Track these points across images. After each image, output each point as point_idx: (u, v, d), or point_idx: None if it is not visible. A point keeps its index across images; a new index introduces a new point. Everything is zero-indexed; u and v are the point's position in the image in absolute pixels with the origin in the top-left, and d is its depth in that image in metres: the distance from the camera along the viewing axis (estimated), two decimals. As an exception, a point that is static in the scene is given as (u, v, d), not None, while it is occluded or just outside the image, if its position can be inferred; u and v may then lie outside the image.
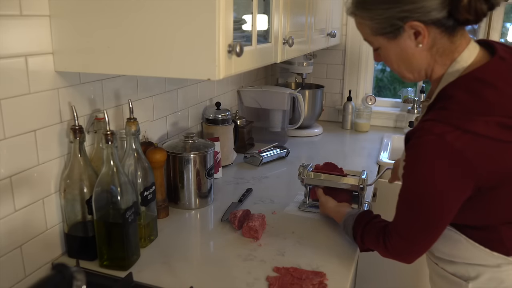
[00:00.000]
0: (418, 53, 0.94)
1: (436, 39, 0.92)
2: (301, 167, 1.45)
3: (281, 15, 1.27)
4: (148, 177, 1.19)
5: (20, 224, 1.01)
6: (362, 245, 1.14)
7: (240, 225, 1.29)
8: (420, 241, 0.97)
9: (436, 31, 0.91)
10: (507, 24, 2.34)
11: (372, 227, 1.10)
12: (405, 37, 0.93)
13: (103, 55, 0.97)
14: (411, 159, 0.92)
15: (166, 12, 0.90)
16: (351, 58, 2.50)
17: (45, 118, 1.04)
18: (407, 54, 0.95)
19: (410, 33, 0.92)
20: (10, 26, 0.92)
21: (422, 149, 0.88)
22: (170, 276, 1.08)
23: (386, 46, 0.97)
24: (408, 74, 1.00)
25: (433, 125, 0.87)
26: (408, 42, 0.93)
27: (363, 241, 1.12)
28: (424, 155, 0.88)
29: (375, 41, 0.98)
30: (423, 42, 0.92)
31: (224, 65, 0.90)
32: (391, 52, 0.97)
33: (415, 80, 1.01)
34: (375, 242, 1.06)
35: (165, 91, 1.56)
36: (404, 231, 0.98)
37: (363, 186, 1.37)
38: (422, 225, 0.95)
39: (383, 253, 1.05)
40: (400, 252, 1.01)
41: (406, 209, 0.97)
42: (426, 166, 0.88)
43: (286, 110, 2.14)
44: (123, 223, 1.04)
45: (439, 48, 0.93)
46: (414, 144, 0.90)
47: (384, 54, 0.99)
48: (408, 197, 0.95)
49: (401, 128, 2.47)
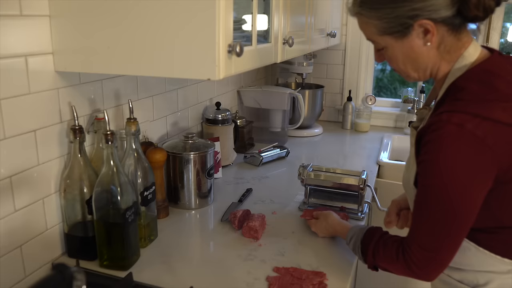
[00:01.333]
0: (426, 51, 0.93)
1: (443, 37, 0.91)
2: (301, 167, 1.45)
3: (281, 15, 1.27)
4: (148, 177, 1.19)
5: (20, 224, 1.01)
6: (373, 261, 1.02)
7: (240, 225, 1.29)
8: (445, 249, 0.90)
9: (444, 29, 0.90)
10: (507, 24, 2.34)
11: (387, 241, 1.00)
12: (413, 36, 0.91)
13: (103, 55, 0.97)
14: (430, 155, 0.86)
15: (166, 12, 0.90)
16: (351, 58, 2.50)
17: (45, 118, 1.04)
18: (414, 53, 0.94)
19: (418, 32, 0.91)
20: (10, 26, 0.92)
21: (442, 141, 0.84)
22: (170, 276, 1.07)
23: (393, 45, 0.95)
24: (414, 73, 0.98)
25: (451, 116, 0.84)
26: (416, 40, 0.92)
27: (375, 257, 1.01)
28: (445, 147, 0.84)
29: (381, 41, 0.96)
30: (432, 40, 0.91)
31: (224, 65, 0.90)
32: (398, 51, 0.95)
33: (419, 79, 0.99)
34: (392, 258, 0.96)
35: (165, 91, 1.56)
36: (426, 240, 0.90)
37: (363, 186, 1.37)
38: (446, 229, 0.88)
39: (402, 269, 0.95)
40: (423, 265, 0.91)
41: (427, 214, 0.90)
42: (449, 158, 0.84)
43: (286, 110, 2.14)
44: (123, 223, 1.04)
45: (446, 45, 0.92)
46: (432, 139, 0.86)
47: (390, 54, 0.97)
48: (430, 199, 0.88)
49: (401, 128, 2.47)
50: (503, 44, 2.38)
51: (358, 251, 1.06)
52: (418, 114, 1.07)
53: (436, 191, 0.87)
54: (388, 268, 1.00)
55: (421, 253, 0.91)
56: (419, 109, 1.09)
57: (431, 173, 0.87)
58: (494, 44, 2.22)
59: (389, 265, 0.99)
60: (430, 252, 0.90)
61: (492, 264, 0.93)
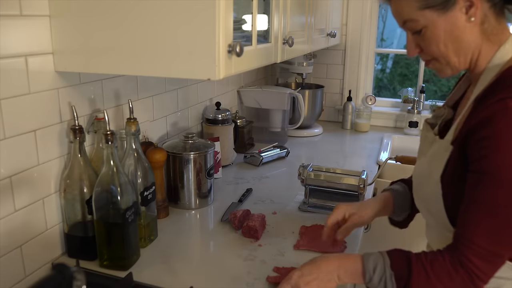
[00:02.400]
0: (470, 28, 0.88)
1: (486, 15, 0.87)
2: (301, 167, 1.45)
3: (281, 15, 1.27)
4: (148, 177, 1.19)
5: (20, 224, 1.01)
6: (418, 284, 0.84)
7: (240, 225, 1.29)
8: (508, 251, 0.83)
9: (486, 5, 0.87)
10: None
11: (429, 256, 0.86)
12: (456, 9, 0.86)
13: (103, 55, 0.97)
14: (498, 148, 0.79)
15: (166, 12, 0.90)
16: (351, 58, 2.50)
17: (45, 118, 1.04)
18: (458, 30, 0.88)
19: (462, 6, 0.86)
20: (10, 26, 0.92)
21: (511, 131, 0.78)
22: (170, 276, 1.07)
23: (435, 21, 0.88)
24: (455, 57, 0.91)
25: None
26: (459, 15, 0.86)
27: (420, 279, 0.84)
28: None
29: (422, 17, 0.88)
30: (476, 15, 0.86)
31: (224, 65, 0.90)
32: (440, 28, 0.88)
33: (459, 68, 0.92)
34: (447, 275, 0.83)
35: (165, 91, 1.56)
36: (491, 244, 0.82)
37: (363, 186, 1.37)
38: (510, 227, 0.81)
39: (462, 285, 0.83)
40: (488, 275, 0.83)
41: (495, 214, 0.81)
42: None
43: (286, 110, 2.14)
44: (123, 223, 1.04)
45: (490, 25, 0.88)
46: (497, 130, 0.79)
47: (431, 33, 0.90)
48: (502, 197, 0.80)
49: (401, 128, 2.47)
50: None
51: (391, 280, 0.86)
52: (436, 111, 1.03)
53: (510, 188, 0.80)
54: None
55: (486, 260, 0.82)
56: (438, 107, 1.04)
57: (501, 167, 0.80)
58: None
59: (441, 286, 0.84)
60: (494, 257, 0.83)
61: (503, 270, 0.89)
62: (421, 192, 1.00)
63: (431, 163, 0.95)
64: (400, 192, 1.16)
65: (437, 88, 4.07)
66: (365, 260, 0.90)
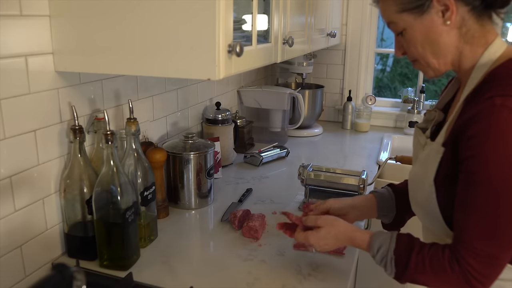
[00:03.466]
0: (446, 32, 0.89)
1: (465, 18, 0.88)
2: (301, 167, 1.45)
3: (281, 15, 1.27)
4: (148, 177, 1.19)
5: (20, 224, 1.01)
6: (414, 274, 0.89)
7: (240, 225, 1.29)
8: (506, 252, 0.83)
9: (464, 8, 0.88)
10: (507, 24, 2.34)
11: (431, 251, 0.88)
12: (432, 13, 0.88)
13: (103, 55, 0.97)
14: (484, 147, 0.79)
15: (166, 12, 0.90)
16: (351, 58, 2.50)
17: (45, 118, 1.04)
18: (434, 33, 0.90)
19: (438, 9, 0.88)
20: (10, 26, 0.92)
21: (499, 128, 0.78)
22: (170, 276, 1.08)
23: (412, 24, 0.91)
24: (433, 59, 0.93)
25: (505, 100, 0.79)
26: (435, 18, 0.89)
27: (418, 270, 0.88)
28: (504, 135, 0.78)
29: (400, 20, 0.92)
30: (451, 18, 0.88)
31: (224, 65, 0.90)
32: (417, 31, 0.91)
33: (440, 69, 0.94)
34: (443, 271, 0.85)
35: (165, 91, 1.56)
36: (486, 245, 0.81)
37: (363, 186, 1.37)
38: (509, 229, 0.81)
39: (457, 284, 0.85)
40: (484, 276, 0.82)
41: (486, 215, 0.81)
42: (509, 147, 0.78)
43: (286, 110, 2.14)
44: (123, 223, 1.04)
45: (469, 29, 0.89)
46: (484, 128, 0.79)
47: (409, 36, 0.93)
48: (489, 196, 0.80)
49: (401, 128, 2.47)
50: (503, 44, 2.37)
51: (391, 263, 0.91)
52: (426, 115, 1.04)
53: (496, 187, 0.79)
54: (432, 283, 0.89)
55: (481, 261, 0.82)
56: (428, 110, 1.05)
57: (488, 166, 0.80)
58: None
59: (436, 280, 0.87)
60: (491, 259, 0.82)
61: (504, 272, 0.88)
62: (416, 197, 1.00)
63: (424, 167, 0.95)
64: (383, 195, 1.19)
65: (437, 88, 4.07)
66: (373, 238, 0.96)
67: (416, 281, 0.90)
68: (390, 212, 1.19)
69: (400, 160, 1.65)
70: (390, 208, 1.18)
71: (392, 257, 0.91)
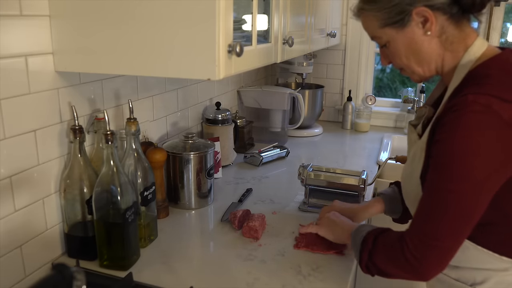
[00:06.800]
0: (427, 41, 0.93)
1: (444, 26, 0.92)
2: (301, 167, 1.45)
3: (281, 15, 1.27)
4: (148, 177, 1.19)
5: (20, 224, 1.01)
6: (372, 248, 0.96)
7: (240, 225, 1.29)
8: (449, 237, 0.85)
9: (443, 17, 0.91)
10: (507, 24, 2.34)
11: (386, 236, 0.96)
12: (413, 25, 0.92)
13: (103, 55, 0.97)
14: (450, 133, 0.83)
15: (166, 12, 0.90)
16: (351, 58, 2.50)
17: (45, 118, 1.04)
18: (416, 44, 0.94)
19: (417, 21, 0.92)
20: (10, 26, 0.92)
21: (466, 119, 0.81)
22: (170, 276, 1.08)
23: (395, 37, 0.95)
24: (418, 67, 0.97)
25: (477, 97, 0.82)
26: (416, 30, 0.93)
27: (376, 244, 0.95)
28: (470, 127, 0.81)
29: (383, 34, 0.97)
30: (431, 29, 0.92)
31: (224, 65, 0.90)
32: (400, 43, 0.95)
33: (424, 76, 0.98)
34: (389, 253, 0.92)
35: (165, 91, 1.56)
36: (428, 225, 0.86)
37: (363, 186, 1.37)
38: (457, 212, 0.84)
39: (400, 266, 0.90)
40: (422, 255, 0.86)
41: (437, 197, 0.85)
42: (473, 138, 0.81)
43: (286, 110, 2.14)
44: (123, 223, 1.04)
45: (448, 36, 0.93)
46: (454, 117, 0.83)
47: (393, 48, 0.97)
48: (444, 178, 0.84)
49: (401, 128, 2.47)
50: (503, 44, 2.37)
51: (360, 241, 0.99)
52: (418, 112, 1.07)
53: (452, 171, 0.83)
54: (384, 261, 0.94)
55: (420, 240, 0.86)
56: (419, 108, 1.09)
57: (450, 150, 0.83)
58: (494, 44, 2.22)
59: (385, 257, 0.93)
60: (429, 239, 0.86)
61: (489, 261, 0.93)
62: (407, 193, 1.05)
63: (412, 164, 1.00)
64: (391, 197, 1.26)
65: (437, 88, 4.06)
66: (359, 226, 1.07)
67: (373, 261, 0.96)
68: (398, 212, 1.25)
69: (400, 160, 1.65)
70: (397, 208, 1.25)
71: (363, 235, 1.00)
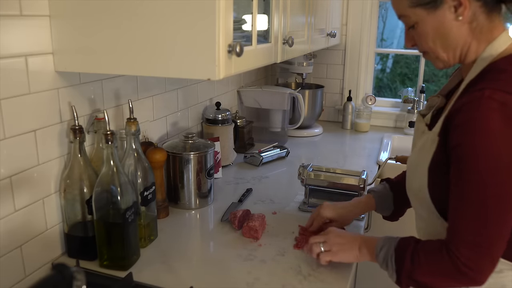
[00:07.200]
0: (457, 27, 0.91)
1: (476, 14, 0.90)
2: (301, 167, 1.45)
3: (281, 15, 1.27)
4: (148, 177, 1.19)
5: (20, 224, 1.01)
6: (411, 269, 0.91)
7: (240, 225, 1.29)
8: (497, 240, 0.84)
9: (476, 4, 0.89)
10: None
11: (426, 244, 0.91)
12: (445, 8, 0.89)
13: (103, 55, 0.97)
14: (471, 136, 0.81)
15: (166, 12, 0.90)
16: (351, 58, 2.50)
17: (45, 118, 1.04)
18: (445, 28, 0.91)
19: (450, 5, 0.89)
20: (10, 26, 0.92)
21: (484, 119, 0.80)
22: (170, 276, 1.07)
23: (424, 19, 0.92)
24: (443, 53, 0.94)
25: (493, 93, 0.81)
26: (447, 14, 0.90)
27: (414, 264, 0.90)
28: (489, 126, 0.80)
29: (413, 14, 0.93)
30: (464, 14, 0.89)
31: (224, 65, 0.90)
32: (429, 26, 0.92)
33: (448, 62, 0.96)
34: (435, 261, 0.88)
35: (165, 91, 1.56)
36: (474, 233, 0.83)
37: (363, 186, 1.37)
38: (496, 217, 0.82)
39: (450, 273, 0.86)
40: (475, 264, 0.84)
41: (472, 203, 0.83)
42: (495, 137, 0.79)
43: (286, 110, 2.14)
44: (123, 223, 1.04)
45: (478, 24, 0.91)
46: (471, 118, 0.81)
47: (421, 30, 0.94)
48: (475, 185, 0.82)
49: (401, 128, 2.47)
50: None
51: (391, 260, 0.94)
52: (429, 101, 1.05)
53: (483, 175, 0.81)
54: (430, 277, 0.90)
55: (471, 249, 0.84)
56: (430, 97, 1.05)
57: (474, 156, 0.82)
58: None
59: (432, 272, 0.89)
60: (480, 247, 0.84)
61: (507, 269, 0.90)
62: (411, 184, 1.03)
63: (419, 154, 0.98)
64: (381, 194, 1.25)
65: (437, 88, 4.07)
66: (378, 239, 1.00)
67: (415, 279, 0.92)
68: (389, 209, 1.24)
69: (400, 160, 1.65)
70: (388, 205, 1.24)
71: (392, 253, 0.95)
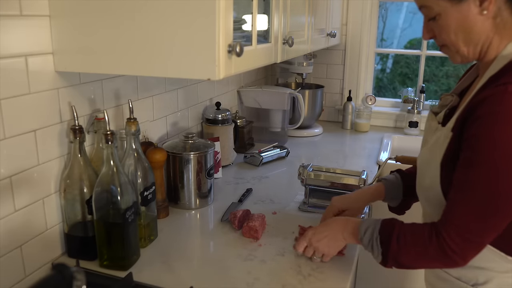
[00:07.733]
0: (481, 21, 0.89)
1: (500, 9, 0.88)
2: (301, 167, 1.45)
3: (281, 15, 1.27)
4: (148, 177, 1.19)
5: (20, 224, 1.01)
6: (397, 250, 0.93)
7: (240, 225, 1.29)
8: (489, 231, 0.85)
9: None
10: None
11: (413, 226, 0.94)
12: (470, 1, 0.88)
13: (103, 55, 0.97)
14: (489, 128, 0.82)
15: (166, 12, 0.90)
16: (351, 58, 2.50)
17: (45, 118, 1.04)
18: (469, 22, 0.89)
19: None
20: (10, 26, 0.92)
21: (506, 114, 0.80)
22: (170, 276, 1.08)
23: (448, 11, 0.90)
24: (464, 47, 0.93)
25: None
26: (472, 7, 0.88)
27: (400, 245, 0.92)
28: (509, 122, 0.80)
29: (436, 5, 0.91)
30: (489, 8, 0.87)
31: (224, 65, 0.90)
32: (452, 18, 0.90)
33: (468, 57, 0.94)
34: (422, 243, 0.89)
35: (165, 91, 1.56)
36: (469, 221, 0.85)
37: (363, 186, 1.37)
38: (495, 209, 0.83)
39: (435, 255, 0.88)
40: (461, 249, 0.86)
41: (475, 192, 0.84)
42: None
43: (286, 110, 2.14)
44: (123, 223, 1.04)
45: (502, 19, 0.89)
46: (492, 112, 0.82)
47: (443, 22, 0.92)
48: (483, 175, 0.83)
49: (401, 128, 2.47)
50: None
51: (377, 242, 0.96)
52: (442, 100, 1.04)
53: (497, 166, 0.82)
54: (414, 258, 0.92)
55: (461, 235, 0.85)
56: (444, 95, 1.04)
57: (492, 147, 0.82)
58: None
59: (416, 254, 0.91)
60: (471, 235, 0.85)
61: (494, 260, 0.91)
62: (423, 180, 1.02)
63: (432, 150, 0.97)
64: (392, 182, 1.24)
65: (437, 88, 4.07)
66: (361, 222, 1.02)
67: (400, 261, 0.94)
68: (397, 198, 1.24)
69: (400, 160, 1.65)
70: (397, 195, 1.23)
71: (377, 236, 0.96)
